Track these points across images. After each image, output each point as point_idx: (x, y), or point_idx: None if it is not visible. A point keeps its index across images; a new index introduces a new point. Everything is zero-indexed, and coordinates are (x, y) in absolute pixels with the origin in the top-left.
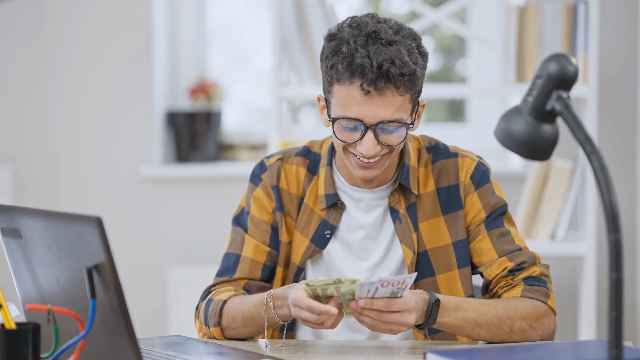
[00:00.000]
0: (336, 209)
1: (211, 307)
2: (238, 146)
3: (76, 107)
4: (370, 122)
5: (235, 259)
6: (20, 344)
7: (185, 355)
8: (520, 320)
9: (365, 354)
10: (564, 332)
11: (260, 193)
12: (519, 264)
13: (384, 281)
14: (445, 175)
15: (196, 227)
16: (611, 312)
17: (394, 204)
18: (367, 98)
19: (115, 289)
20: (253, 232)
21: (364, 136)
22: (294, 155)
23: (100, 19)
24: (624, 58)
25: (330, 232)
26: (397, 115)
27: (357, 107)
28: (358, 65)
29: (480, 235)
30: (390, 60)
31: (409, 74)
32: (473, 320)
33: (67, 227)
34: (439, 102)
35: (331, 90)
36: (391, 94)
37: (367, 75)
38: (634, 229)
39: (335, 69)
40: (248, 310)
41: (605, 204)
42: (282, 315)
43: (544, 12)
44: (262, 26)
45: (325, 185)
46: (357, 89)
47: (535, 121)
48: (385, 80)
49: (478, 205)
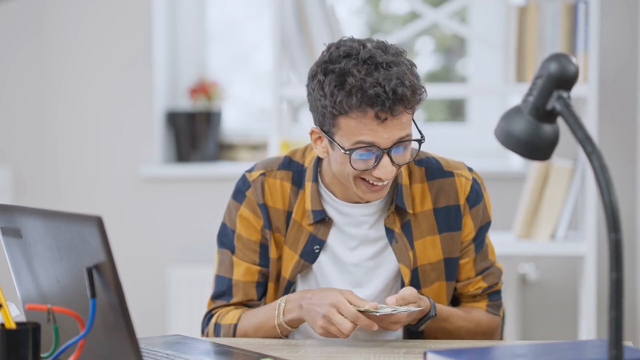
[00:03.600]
0: (324, 224)
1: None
2: (238, 146)
3: (76, 107)
4: (386, 146)
5: (228, 283)
6: (20, 343)
7: (185, 354)
8: (480, 335)
9: (365, 354)
10: (564, 332)
11: (246, 212)
12: (490, 285)
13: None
14: (444, 195)
15: (196, 227)
16: (611, 312)
17: (389, 225)
18: (383, 124)
19: (115, 288)
20: (242, 253)
21: (380, 161)
22: (276, 168)
23: (100, 18)
24: (624, 58)
25: (319, 247)
26: (407, 132)
27: (371, 134)
28: (372, 95)
29: (468, 257)
30: (401, 82)
31: (419, 93)
32: (449, 331)
33: (67, 227)
34: (439, 102)
35: (335, 123)
36: (403, 115)
37: (385, 104)
38: (634, 229)
39: (345, 103)
40: (259, 320)
41: (606, 203)
42: (289, 322)
43: (544, 12)
44: (262, 26)
45: (312, 201)
46: (372, 117)
47: (535, 121)
48: (400, 104)
49: (470, 226)
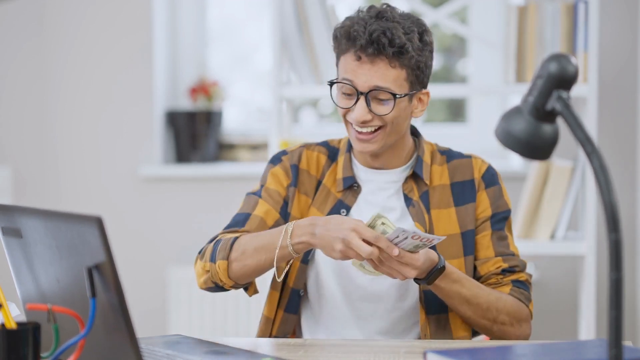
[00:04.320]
0: (352, 191)
1: (221, 243)
2: (238, 146)
3: (76, 107)
4: (362, 89)
5: (246, 216)
6: (20, 343)
7: (185, 354)
8: (504, 315)
9: (365, 353)
10: (564, 331)
11: (278, 170)
12: (511, 267)
13: (416, 235)
14: (459, 172)
15: (196, 227)
16: (611, 312)
17: (407, 192)
18: (360, 64)
19: (116, 288)
20: (266, 199)
21: (356, 102)
22: (315, 145)
23: (100, 18)
24: (624, 58)
25: (346, 211)
26: (387, 85)
27: (351, 73)
28: (353, 33)
29: (484, 232)
30: (381, 31)
31: (398, 46)
32: (465, 297)
33: (67, 227)
34: (439, 102)
35: (338, 67)
36: (384, 65)
37: (358, 42)
38: (634, 229)
39: (336, 40)
40: (262, 241)
41: (605, 203)
42: (296, 245)
43: (544, 12)
44: (263, 26)
45: (344, 169)
46: (352, 55)
47: (535, 121)
48: (374, 49)
49: (486, 202)
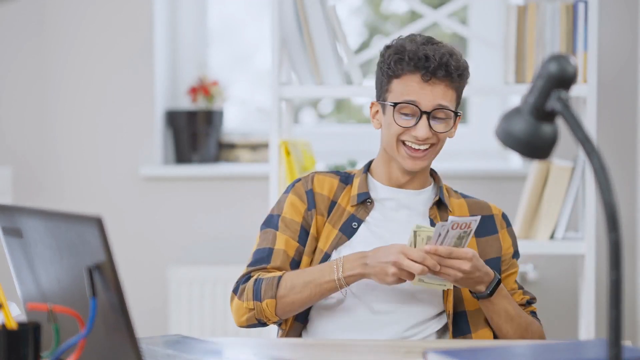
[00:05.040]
0: (364, 207)
1: (265, 282)
2: (238, 146)
3: (77, 107)
4: (427, 108)
5: (269, 251)
6: (21, 343)
7: (185, 354)
8: (538, 337)
9: (365, 353)
10: (563, 331)
11: (293, 198)
12: (531, 298)
13: (454, 223)
14: (478, 208)
15: (197, 226)
16: (611, 311)
17: (432, 217)
18: (427, 85)
19: (116, 288)
20: (283, 230)
21: (419, 121)
22: (325, 172)
23: (100, 18)
24: (624, 58)
25: (357, 224)
26: (448, 104)
27: (416, 94)
28: (422, 56)
29: (511, 270)
30: (449, 54)
31: (463, 68)
32: (510, 314)
33: (67, 227)
34: None
35: (389, 88)
36: (445, 85)
37: (430, 65)
38: (634, 228)
39: (398, 63)
40: (310, 276)
41: (605, 203)
42: (348, 278)
43: (543, 12)
44: (262, 26)
45: (359, 187)
46: (418, 77)
47: (535, 121)
48: (444, 70)
49: (509, 241)
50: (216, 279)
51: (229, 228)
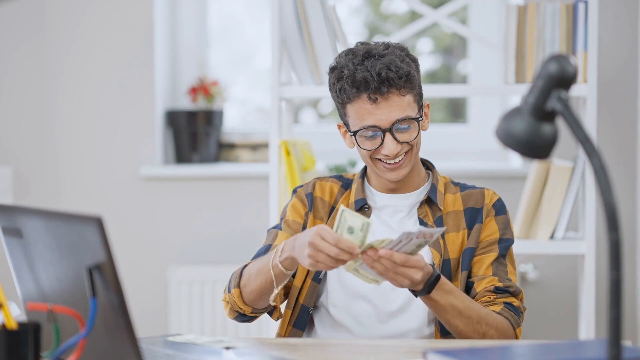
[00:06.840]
0: (362, 213)
1: (234, 273)
2: (238, 146)
3: (76, 107)
4: (385, 125)
5: (267, 247)
6: (21, 343)
7: (185, 354)
8: (494, 330)
9: (365, 353)
10: (563, 331)
11: (295, 201)
12: (506, 287)
13: (420, 233)
14: (472, 200)
15: (197, 226)
16: (611, 311)
17: (422, 216)
18: (377, 105)
19: (116, 288)
20: (285, 229)
21: (383, 140)
22: (328, 177)
23: (100, 18)
24: (624, 58)
25: None
26: (406, 114)
27: (371, 116)
28: (361, 80)
29: (490, 253)
30: (386, 67)
31: (405, 75)
32: (458, 309)
33: (67, 227)
34: (439, 102)
35: (345, 113)
36: (395, 97)
37: (371, 85)
38: (634, 228)
39: (343, 91)
40: (261, 262)
41: (605, 203)
42: (284, 262)
43: (543, 12)
44: (262, 26)
45: (356, 193)
46: (366, 100)
47: (535, 121)
48: (387, 85)
49: (494, 227)
50: (216, 279)
51: (229, 228)
